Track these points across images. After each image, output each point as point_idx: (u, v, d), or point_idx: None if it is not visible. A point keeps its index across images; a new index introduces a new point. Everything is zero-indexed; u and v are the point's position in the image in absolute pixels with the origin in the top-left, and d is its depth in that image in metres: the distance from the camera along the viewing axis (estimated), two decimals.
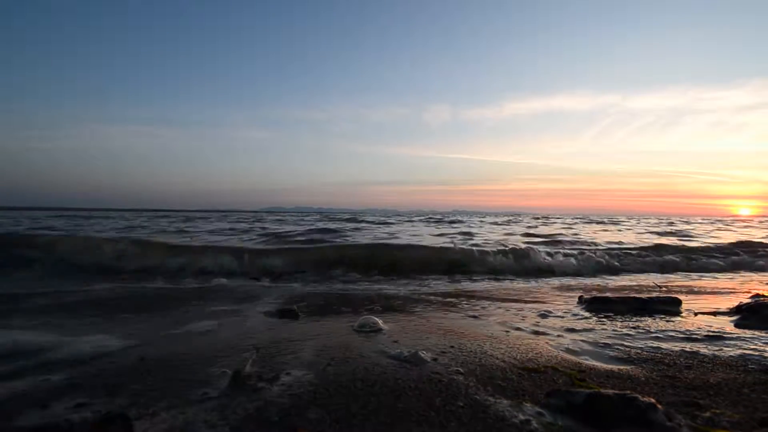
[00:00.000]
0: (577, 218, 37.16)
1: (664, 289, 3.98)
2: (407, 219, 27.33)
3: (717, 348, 1.97)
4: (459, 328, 2.36)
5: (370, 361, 1.77)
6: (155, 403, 1.34)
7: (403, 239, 9.20)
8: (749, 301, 2.77)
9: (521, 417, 1.24)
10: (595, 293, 3.47)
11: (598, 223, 23.87)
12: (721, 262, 6.52)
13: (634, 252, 7.11)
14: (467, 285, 4.41)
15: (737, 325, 2.43)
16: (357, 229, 13.21)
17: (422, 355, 1.83)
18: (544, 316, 2.71)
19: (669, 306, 2.87)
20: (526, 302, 3.25)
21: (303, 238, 9.29)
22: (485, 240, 9.43)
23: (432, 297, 3.48)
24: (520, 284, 4.50)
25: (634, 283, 4.55)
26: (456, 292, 3.82)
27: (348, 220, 22.13)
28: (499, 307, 3.02)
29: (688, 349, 1.95)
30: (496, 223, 20.56)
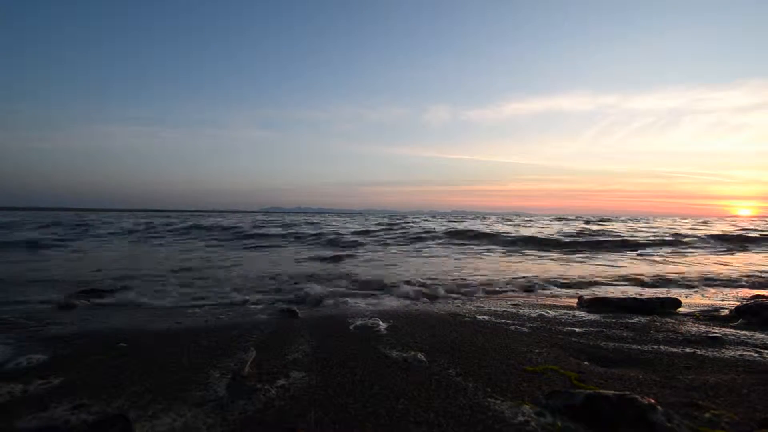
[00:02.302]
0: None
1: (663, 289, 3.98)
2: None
3: (716, 348, 1.97)
4: (458, 328, 2.36)
5: (370, 361, 1.77)
6: (154, 404, 1.34)
7: None
8: (749, 302, 2.77)
9: (521, 418, 1.24)
10: (594, 294, 3.47)
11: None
12: None
13: None
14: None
15: (736, 325, 2.43)
16: None
17: (421, 356, 1.83)
18: (543, 316, 2.71)
19: (668, 307, 2.87)
20: (525, 303, 3.25)
21: None
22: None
23: (431, 298, 3.48)
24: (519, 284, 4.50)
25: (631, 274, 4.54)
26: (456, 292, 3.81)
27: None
28: (499, 308, 3.02)
29: (687, 350, 1.95)
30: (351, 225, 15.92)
